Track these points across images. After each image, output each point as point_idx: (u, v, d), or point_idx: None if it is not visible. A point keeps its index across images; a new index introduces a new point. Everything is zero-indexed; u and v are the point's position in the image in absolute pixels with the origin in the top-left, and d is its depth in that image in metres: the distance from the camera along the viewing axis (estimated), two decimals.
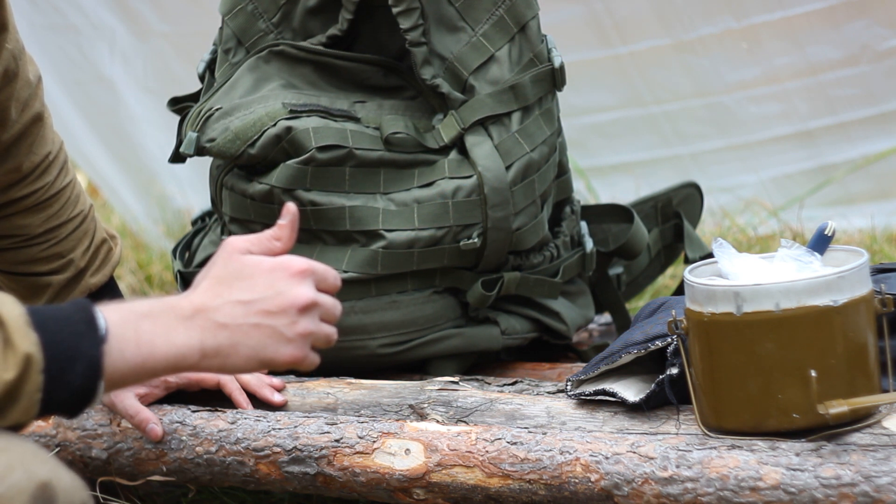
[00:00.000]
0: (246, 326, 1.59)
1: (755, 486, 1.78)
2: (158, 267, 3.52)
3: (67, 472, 1.46)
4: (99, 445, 2.16)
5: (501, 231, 2.22)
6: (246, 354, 1.60)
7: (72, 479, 1.46)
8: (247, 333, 1.59)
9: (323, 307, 1.64)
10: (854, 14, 3.04)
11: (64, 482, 1.45)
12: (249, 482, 2.09)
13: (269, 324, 1.60)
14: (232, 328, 1.59)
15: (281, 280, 1.62)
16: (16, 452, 1.44)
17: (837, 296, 1.81)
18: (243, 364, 1.60)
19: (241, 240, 1.66)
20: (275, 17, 2.29)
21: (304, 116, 2.19)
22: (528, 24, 2.25)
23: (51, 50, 3.51)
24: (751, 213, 3.35)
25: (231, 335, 1.59)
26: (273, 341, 1.61)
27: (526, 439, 1.93)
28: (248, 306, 1.60)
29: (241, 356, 1.60)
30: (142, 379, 1.57)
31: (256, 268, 1.62)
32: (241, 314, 1.60)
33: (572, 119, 3.05)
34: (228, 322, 1.59)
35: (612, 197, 3.27)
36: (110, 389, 1.54)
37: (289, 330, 1.61)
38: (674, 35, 3.15)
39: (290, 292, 1.61)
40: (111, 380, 1.52)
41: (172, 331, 1.56)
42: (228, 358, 1.59)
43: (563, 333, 2.39)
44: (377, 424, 2.02)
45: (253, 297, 1.60)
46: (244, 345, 1.59)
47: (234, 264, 1.62)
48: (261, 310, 1.60)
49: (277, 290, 1.61)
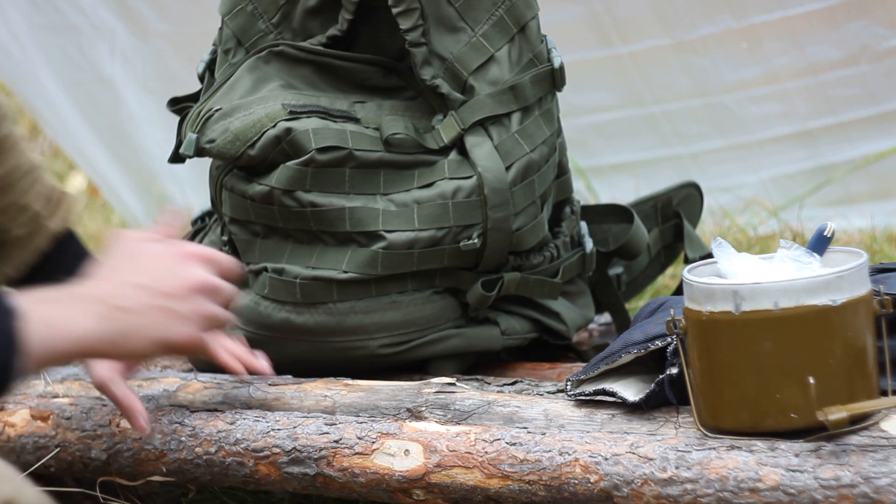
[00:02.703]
0: (145, 308, 1.64)
1: (755, 486, 1.78)
2: None
3: (32, 488, 1.47)
4: (98, 446, 2.16)
5: (501, 231, 2.22)
6: (148, 336, 1.64)
7: (37, 495, 1.47)
8: (146, 315, 1.64)
9: (217, 290, 1.69)
10: (854, 14, 3.04)
11: (28, 499, 1.45)
12: (249, 482, 2.09)
13: (165, 305, 1.65)
14: (132, 311, 1.63)
15: (174, 262, 1.68)
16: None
17: (836, 295, 1.81)
18: (146, 346, 1.64)
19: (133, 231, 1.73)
20: (274, 17, 2.29)
21: (304, 117, 2.20)
22: (528, 25, 2.25)
23: (51, 50, 3.52)
24: (751, 213, 3.35)
25: (132, 317, 1.63)
26: (171, 321, 1.66)
27: (525, 440, 1.93)
28: (145, 289, 1.65)
29: (142, 337, 1.64)
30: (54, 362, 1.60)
31: (150, 253, 1.68)
32: (140, 297, 1.64)
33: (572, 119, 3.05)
34: (128, 305, 1.63)
35: (612, 197, 3.27)
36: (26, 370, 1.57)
37: (184, 309, 1.66)
38: (674, 35, 3.15)
39: (184, 273, 1.67)
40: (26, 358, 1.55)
41: (78, 315, 1.60)
42: (131, 340, 1.63)
43: (563, 334, 2.39)
44: (376, 425, 2.02)
45: (149, 280, 1.65)
46: (145, 326, 1.64)
47: (129, 252, 1.68)
48: (157, 291, 1.65)
49: (172, 271, 1.67)
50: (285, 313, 2.23)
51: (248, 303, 2.25)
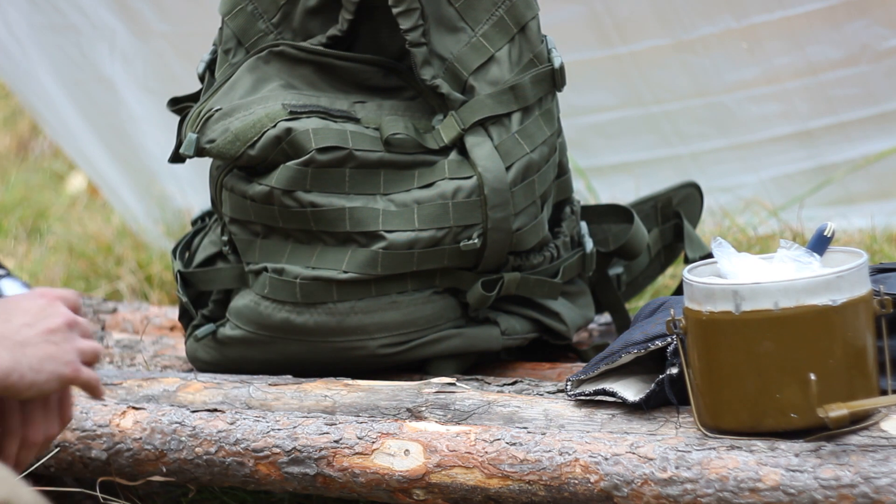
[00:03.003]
0: (42, 343, 1.68)
1: (755, 486, 1.79)
2: (158, 267, 3.51)
3: (27, 489, 1.47)
4: (98, 446, 2.16)
5: (501, 232, 2.22)
6: (49, 369, 1.67)
7: (32, 496, 1.47)
8: (44, 349, 1.68)
9: (81, 325, 1.73)
10: (854, 14, 3.04)
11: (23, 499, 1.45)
12: (249, 482, 2.09)
13: (53, 340, 1.69)
14: (32, 346, 1.67)
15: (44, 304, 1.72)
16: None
17: (836, 295, 1.81)
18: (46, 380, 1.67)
19: None
20: (275, 17, 2.29)
21: (304, 118, 2.20)
22: (528, 25, 2.25)
23: (51, 50, 3.51)
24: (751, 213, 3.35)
25: (34, 350, 1.67)
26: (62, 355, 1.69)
27: (525, 440, 1.93)
28: (33, 327, 1.69)
29: (46, 371, 1.67)
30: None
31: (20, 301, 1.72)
32: (33, 334, 1.68)
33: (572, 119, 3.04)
34: (26, 340, 1.67)
35: (612, 197, 3.26)
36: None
37: (67, 345, 1.70)
38: (674, 35, 3.15)
39: (57, 312, 1.71)
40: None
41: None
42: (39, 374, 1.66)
43: (564, 334, 2.39)
44: (376, 425, 2.02)
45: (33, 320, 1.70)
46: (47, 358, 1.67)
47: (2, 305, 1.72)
48: (44, 329, 1.69)
49: (46, 312, 1.71)
50: (285, 313, 2.23)
51: (248, 303, 2.25)
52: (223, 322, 2.30)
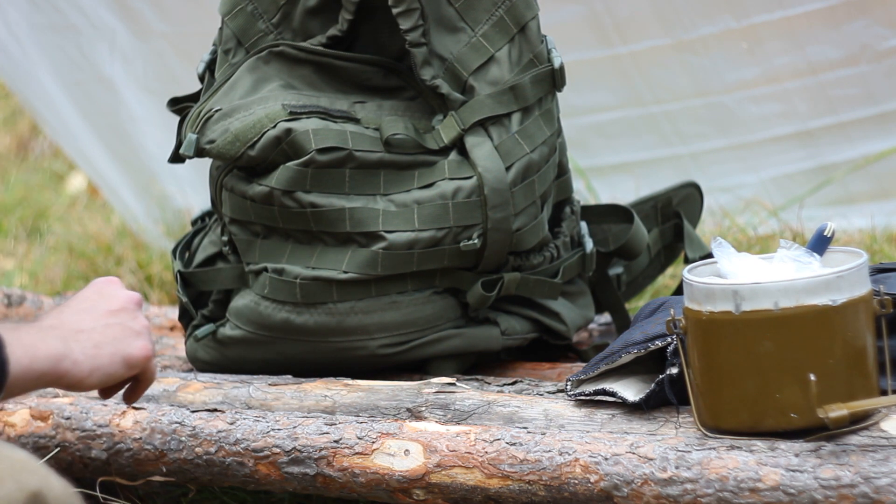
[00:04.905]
0: (100, 327, 1.68)
1: (755, 486, 1.79)
2: (158, 267, 3.52)
3: (59, 479, 1.47)
4: (98, 446, 2.16)
5: (501, 232, 2.22)
6: (110, 352, 1.67)
7: (63, 486, 1.47)
8: (103, 333, 1.68)
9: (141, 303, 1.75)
10: (854, 14, 3.04)
11: (55, 491, 1.46)
12: (249, 482, 2.09)
13: (116, 321, 1.69)
14: (89, 331, 1.67)
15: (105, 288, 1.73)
16: (5, 463, 1.45)
17: (836, 295, 1.81)
18: (109, 362, 1.67)
19: None
20: (274, 17, 2.29)
21: (304, 118, 2.20)
22: (528, 25, 2.25)
23: (51, 50, 3.51)
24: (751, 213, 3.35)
25: (90, 336, 1.67)
26: (126, 336, 1.69)
27: (525, 440, 1.93)
28: (93, 311, 1.69)
29: (106, 354, 1.66)
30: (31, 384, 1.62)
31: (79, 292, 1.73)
32: (93, 318, 1.69)
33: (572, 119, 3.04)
34: (84, 326, 1.67)
35: (612, 197, 3.26)
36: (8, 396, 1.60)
37: (135, 323, 1.71)
38: (674, 35, 3.15)
39: (120, 293, 1.72)
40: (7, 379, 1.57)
41: (45, 338, 1.63)
42: (96, 359, 1.66)
43: (563, 334, 2.39)
44: (376, 425, 2.02)
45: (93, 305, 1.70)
46: (105, 343, 1.67)
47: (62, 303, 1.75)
48: (106, 310, 1.70)
49: (108, 294, 1.72)
50: (285, 313, 2.23)
51: (248, 303, 2.25)
52: (223, 322, 2.30)
